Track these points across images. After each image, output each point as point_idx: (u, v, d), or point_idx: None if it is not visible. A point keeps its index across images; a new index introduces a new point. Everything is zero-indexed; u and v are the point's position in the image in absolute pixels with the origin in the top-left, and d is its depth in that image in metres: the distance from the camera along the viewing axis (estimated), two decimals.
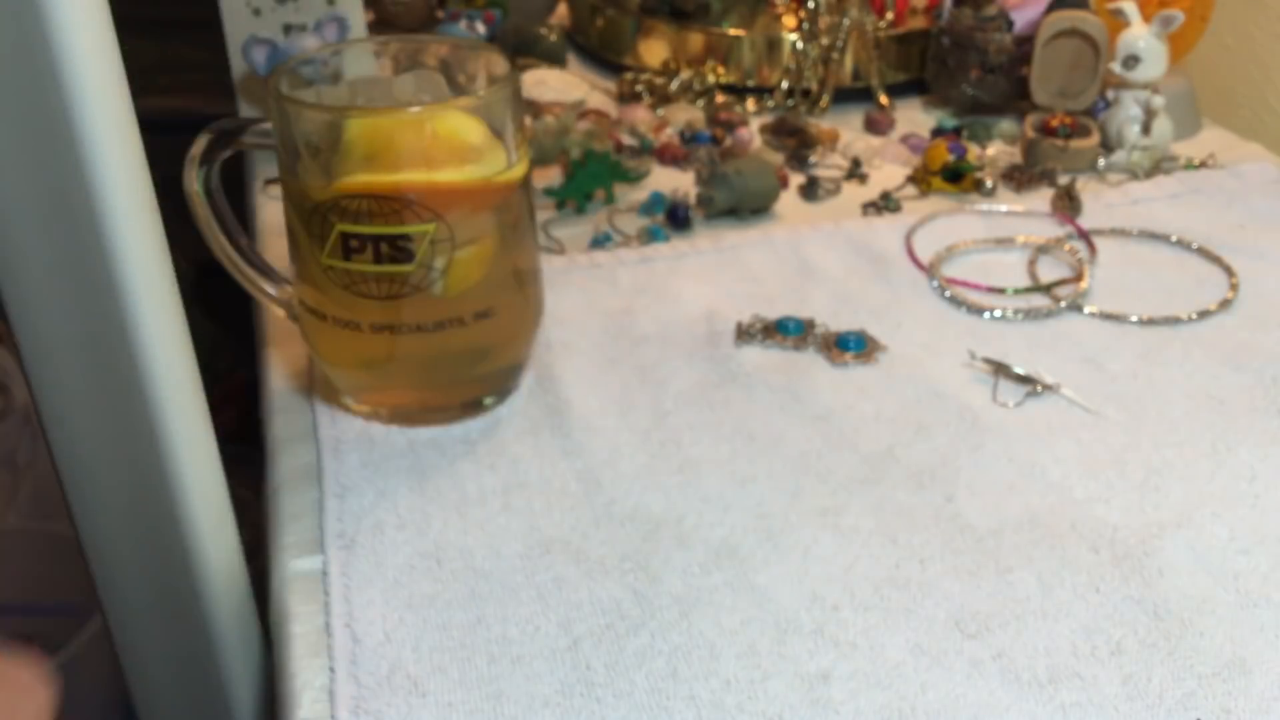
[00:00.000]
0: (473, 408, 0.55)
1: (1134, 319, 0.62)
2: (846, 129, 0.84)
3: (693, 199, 0.73)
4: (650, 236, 0.70)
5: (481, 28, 0.87)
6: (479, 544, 0.48)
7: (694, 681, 0.41)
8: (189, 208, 0.53)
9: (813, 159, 0.79)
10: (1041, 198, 0.74)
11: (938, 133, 0.82)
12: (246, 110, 0.78)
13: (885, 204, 0.74)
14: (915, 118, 0.86)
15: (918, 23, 0.89)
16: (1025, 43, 0.82)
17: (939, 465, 0.52)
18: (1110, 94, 0.79)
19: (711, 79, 0.88)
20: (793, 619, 0.44)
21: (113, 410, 0.45)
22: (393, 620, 0.44)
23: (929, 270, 0.66)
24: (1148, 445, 0.53)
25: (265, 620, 0.51)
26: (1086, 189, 0.74)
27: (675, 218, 0.71)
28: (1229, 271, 0.66)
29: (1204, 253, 0.67)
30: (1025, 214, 0.72)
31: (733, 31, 0.89)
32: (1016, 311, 0.62)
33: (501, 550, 0.47)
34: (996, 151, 0.80)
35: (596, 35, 0.96)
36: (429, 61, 0.55)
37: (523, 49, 0.91)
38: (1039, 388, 0.56)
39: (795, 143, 0.80)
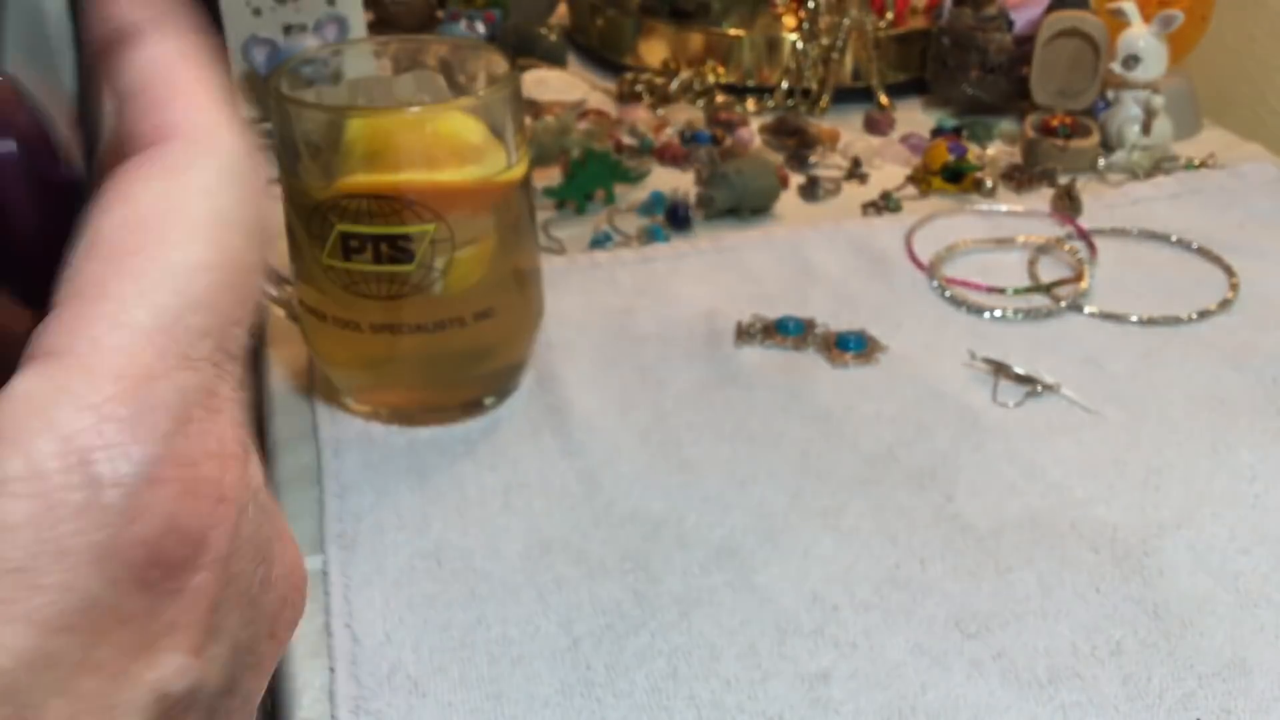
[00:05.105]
0: (473, 408, 0.55)
1: (1134, 319, 0.62)
2: (846, 129, 0.84)
3: (693, 199, 0.73)
4: (650, 236, 0.70)
5: (481, 28, 0.87)
6: (479, 544, 0.48)
7: (694, 681, 0.41)
8: None
9: (813, 159, 0.79)
10: (1041, 198, 0.74)
11: (938, 133, 0.82)
12: (246, 110, 0.78)
13: (885, 204, 0.74)
14: (915, 118, 0.86)
15: (918, 23, 0.89)
16: (1025, 43, 0.82)
17: (939, 465, 0.52)
18: (1110, 94, 0.79)
19: (711, 79, 0.88)
20: (793, 619, 0.44)
21: None
22: (393, 620, 0.44)
23: (929, 270, 0.66)
24: (1148, 445, 0.53)
25: None
26: (1086, 189, 0.74)
27: (675, 218, 0.71)
28: (1229, 271, 0.66)
29: (1204, 253, 0.67)
30: (1025, 214, 0.72)
31: (733, 31, 0.89)
32: (1016, 311, 0.62)
33: (501, 550, 0.47)
34: (996, 151, 0.80)
35: (596, 35, 0.96)
36: (429, 61, 0.55)
37: (523, 49, 0.91)
38: (1039, 388, 0.56)
39: (795, 143, 0.80)
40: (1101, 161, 0.77)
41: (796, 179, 0.77)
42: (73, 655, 0.17)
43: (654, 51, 0.91)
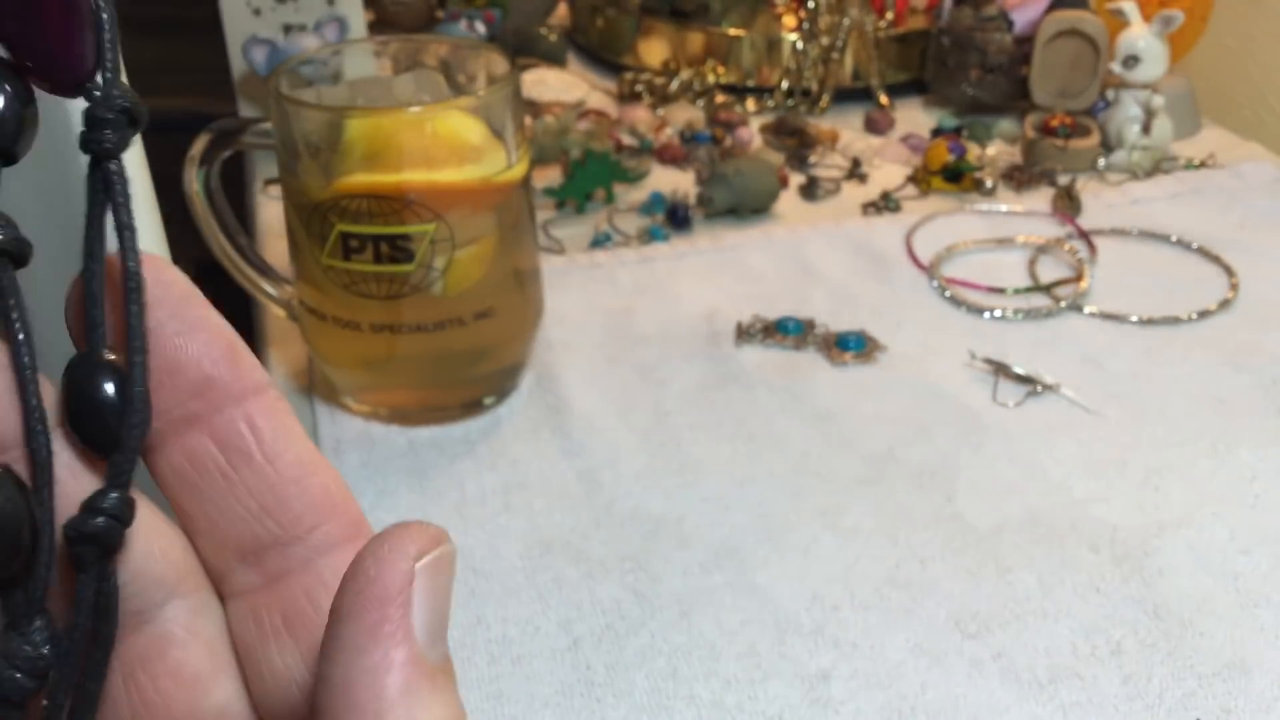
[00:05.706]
0: (473, 408, 0.55)
1: (1134, 319, 0.62)
2: (846, 129, 0.84)
3: (693, 199, 0.73)
4: (650, 236, 0.70)
5: (481, 28, 0.87)
6: (479, 544, 0.48)
7: (694, 681, 0.41)
8: (189, 208, 0.53)
9: (813, 159, 0.79)
10: (1041, 198, 0.74)
11: (938, 133, 0.82)
12: (246, 110, 0.78)
13: (885, 204, 0.74)
14: (915, 118, 0.86)
15: (918, 23, 0.89)
16: (1025, 43, 0.82)
17: (939, 465, 0.52)
18: (1110, 94, 0.79)
19: (711, 79, 0.88)
20: (793, 619, 0.44)
21: None
22: None
23: (929, 270, 0.66)
24: (1148, 445, 0.53)
25: None
26: (1086, 189, 0.74)
27: (675, 218, 0.71)
28: (1229, 271, 0.65)
29: (1204, 253, 0.67)
30: (1025, 214, 0.72)
31: (733, 31, 0.89)
32: (1016, 311, 0.62)
33: (501, 550, 0.47)
34: (996, 151, 0.80)
35: (596, 35, 0.96)
36: (429, 61, 0.55)
37: (523, 49, 0.91)
38: (1039, 388, 0.56)
39: (795, 143, 0.80)
40: (1101, 161, 0.77)
41: (796, 179, 0.77)
42: None
43: (654, 51, 0.91)
